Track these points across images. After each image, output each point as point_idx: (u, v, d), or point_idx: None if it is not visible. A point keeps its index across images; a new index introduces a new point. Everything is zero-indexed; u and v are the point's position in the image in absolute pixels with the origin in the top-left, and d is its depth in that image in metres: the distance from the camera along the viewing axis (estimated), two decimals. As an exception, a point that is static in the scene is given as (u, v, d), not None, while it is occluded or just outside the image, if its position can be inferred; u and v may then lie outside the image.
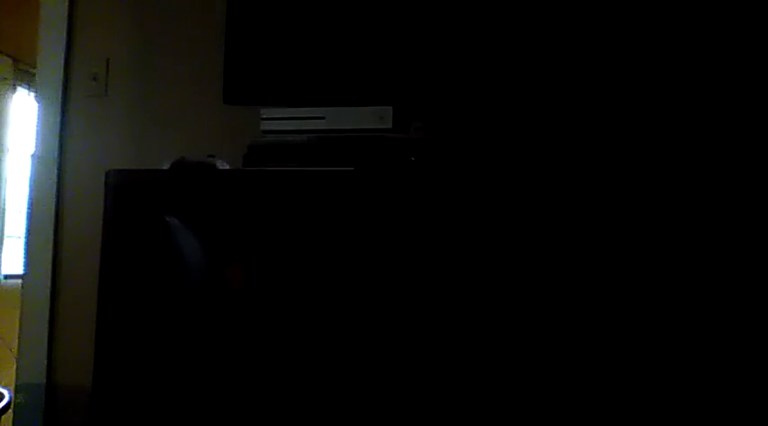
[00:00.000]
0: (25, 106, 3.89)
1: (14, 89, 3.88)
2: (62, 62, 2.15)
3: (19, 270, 2.43)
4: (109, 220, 1.41)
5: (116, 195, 1.41)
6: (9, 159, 3.85)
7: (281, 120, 1.54)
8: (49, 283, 2.10)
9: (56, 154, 2.13)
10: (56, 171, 2.13)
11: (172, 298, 1.36)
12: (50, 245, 2.11)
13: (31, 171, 2.16)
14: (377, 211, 1.30)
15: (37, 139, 2.15)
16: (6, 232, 3.82)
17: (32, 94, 3.60)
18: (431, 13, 1.54)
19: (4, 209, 3.82)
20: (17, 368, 2.11)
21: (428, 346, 1.27)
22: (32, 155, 2.16)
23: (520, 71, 1.52)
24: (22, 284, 2.14)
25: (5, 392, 1.83)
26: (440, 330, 1.27)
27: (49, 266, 2.10)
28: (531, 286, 1.25)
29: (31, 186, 2.15)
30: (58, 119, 2.14)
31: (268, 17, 1.61)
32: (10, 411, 1.85)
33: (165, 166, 1.45)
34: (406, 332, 1.27)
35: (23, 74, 3.86)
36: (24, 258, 2.14)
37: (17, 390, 2.06)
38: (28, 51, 3.13)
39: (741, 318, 1.24)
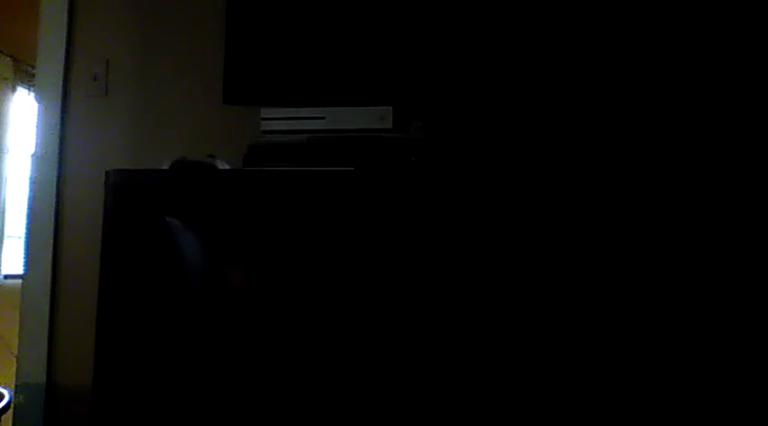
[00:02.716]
0: (25, 106, 3.89)
1: (14, 89, 3.88)
2: (62, 62, 2.15)
3: (19, 270, 2.43)
4: (109, 220, 1.41)
5: (116, 195, 1.41)
6: (9, 159, 3.85)
7: (281, 120, 1.54)
8: (49, 283, 2.10)
9: (56, 154, 2.13)
10: (56, 171, 2.13)
11: (172, 298, 1.36)
12: (50, 245, 2.11)
13: (31, 171, 2.16)
14: (377, 211, 1.30)
15: (37, 139, 2.15)
16: (6, 232, 3.82)
17: (32, 94, 3.60)
18: (430, 13, 1.53)
19: (4, 209, 3.82)
20: (17, 368, 2.11)
21: (428, 346, 1.27)
22: (32, 155, 2.16)
23: (519, 72, 1.52)
24: (22, 284, 2.14)
25: (5, 392, 1.83)
26: (440, 329, 1.27)
27: (49, 266, 2.10)
28: (530, 285, 1.25)
29: (31, 186, 2.15)
30: (58, 119, 2.14)
31: (268, 17, 1.61)
32: (10, 411, 1.85)
33: (165, 166, 1.45)
34: (406, 332, 1.27)
35: (23, 74, 3.86)
36: (24, 258, 2.14)
37: (17, 390, 2.06)
38: (28, 51, 3.13)
39: (741, 318, 1.24)
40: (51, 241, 2.11)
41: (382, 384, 1.27)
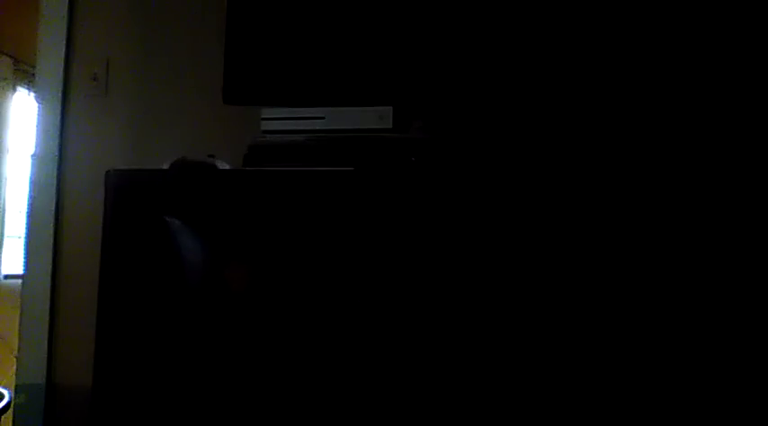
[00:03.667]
0: (25, 106, 3.89)
1: (14, 89, 3.88)
2: (62, 62, 2.15)
3: (19, 270, 2.43)
4: (109, 220, 1.41)
5: (116, 195, 1.41)
6: (9, 159, 3.84)
7: (281, 120, 1.54)
8: (49, 283, 2.10)
9: (56, 154, 2.13)
10: (56, 171, 2.13)
11: (172, 299, 1.36)
12: (50, 245, 2.11)
13: (31, 171, 2.16)
14: (377, 211, 1.30)
15: (37, 139, 2.15)
16: (6, 232, 3.82)
17: (32, 94, 3.60)
18: (430, 13, 1.53)
19: (4, 209, 3.82)
20: (17, 368, 2.11)
21: (428, 346, 1.27)
22: (32, 155, 2.16)
23: (520, 71, 1.52)
24: (22, 284, 2.14)
25: (5, 392, 1.83)
26: (440, 330, 1.27)
27: (49, 266, 2.10)
28: (530, 286, 1.25)
29: (31, 186, 2.15)
30: (58, 119, 2.14)
31: (268, 17, 1.61)
32: (10, 411, 1.85)
33: (165, 166, 1.45)
34: (406, 332, 1.27)
35: (23, 74, 3.86)
36: (24, 258, 2.14)
37: (17, 390, 2.06)
38: (28, 51, 3.13)
39: (741, 318, 1.24)
40: (51, 241, 2.11)
41: (382, 383, 1.27)
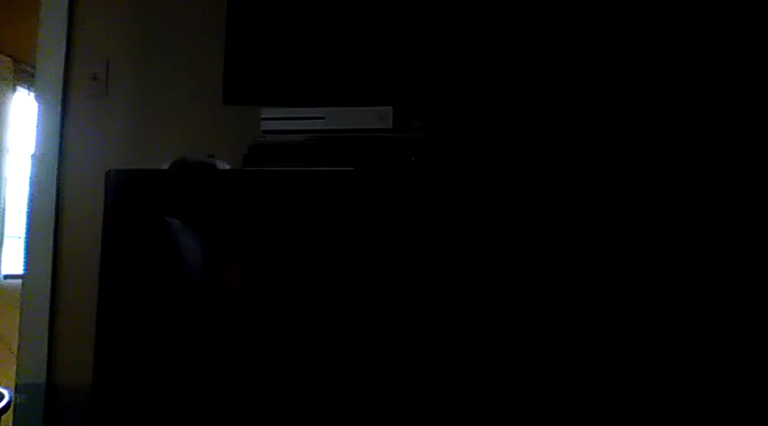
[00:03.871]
0: (25, 106, 3.89)
1: (14, 89, 3.88)
2: (62, 62, 2.15)
3: (19, 270, 2.43)
4: (109, 220, 1.41)
5: (116, 195, 1.41)
6: (9, 159, 3.84)
7: (281, 120, 1.54)
8: (49, 283, 2.10)
9: (56, 154, 2.13)
10: (56, 171, 2.13)
11: (172, 298, 1.36)
12: (50, 245, 2.11)
13: (31, 171, 2.16)
14: (377, 211, 1.30)
15: (37, 139, 2.15)
16: (6, 232, 3.82)
17: (32, 94, 3.60)
18: (430, 13, 1.54)
19: (4, 209, 3.82)
20: (17, 368, 2.11)
21: (428, 346, 1.27)
22: (32, 155, 2.16)
23: (519, 71, 1.52)
24: (22, 284, 2.14)
25: (5, 392, 1.83)
26: (439, 329, 1.27)
27: (49, 266, 2.10)
28: (530, 285, 1.25)
29: (31, 186, 2.15)
30: (58, 119, 2.14)
31: (268, 17, 1.61)
32: (10, 411, 1.84)
33: (165, 166, 1.45)
34: (405, 332, 1.27)
35: (23, 74, 3.86)
36: (24, 258, 2.14)
37: (17, 390, 2.06)
38: (28, 51, 3.13)
39: (741, 318, 1.24)
40: (51, 241, 2.11)
41: (381, 383, 1.27)
